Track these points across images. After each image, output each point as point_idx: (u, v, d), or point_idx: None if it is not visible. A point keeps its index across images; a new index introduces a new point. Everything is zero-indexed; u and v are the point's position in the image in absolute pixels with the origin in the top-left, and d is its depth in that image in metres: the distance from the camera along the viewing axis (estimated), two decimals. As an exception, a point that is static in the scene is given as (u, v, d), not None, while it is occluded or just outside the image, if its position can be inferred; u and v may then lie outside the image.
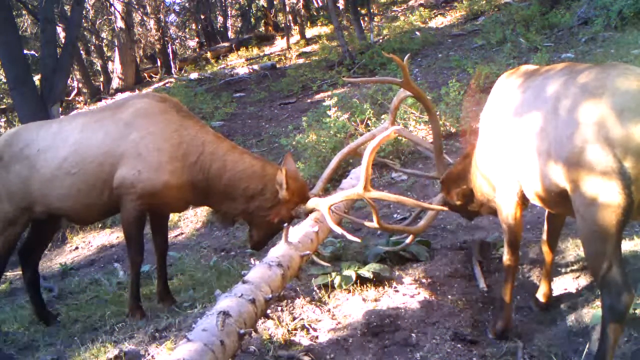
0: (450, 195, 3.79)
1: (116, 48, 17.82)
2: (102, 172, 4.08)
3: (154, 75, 18.56)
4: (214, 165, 4.11)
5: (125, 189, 4.03)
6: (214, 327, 2.53)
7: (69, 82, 15.23)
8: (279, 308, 3.67)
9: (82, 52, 18.51)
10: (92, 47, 19.84)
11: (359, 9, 14.74)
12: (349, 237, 3.52)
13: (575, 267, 3.81)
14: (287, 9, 18.65)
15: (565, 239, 4.05)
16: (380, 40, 13.74)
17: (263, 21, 21.95)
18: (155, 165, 4.01)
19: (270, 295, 3.01)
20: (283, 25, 19.37)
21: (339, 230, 3.57)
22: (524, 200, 3.13)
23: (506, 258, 3.28)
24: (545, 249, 3.52)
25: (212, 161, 4.11)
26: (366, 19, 15.44)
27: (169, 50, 19.71)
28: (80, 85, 18.63)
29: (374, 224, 3.56)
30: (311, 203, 3.87)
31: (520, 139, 2.91)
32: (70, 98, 17.35)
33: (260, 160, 4.27)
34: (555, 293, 3.62)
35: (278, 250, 3.39)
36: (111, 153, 4.06)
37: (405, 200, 3.73)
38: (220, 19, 23.23)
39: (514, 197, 3.11)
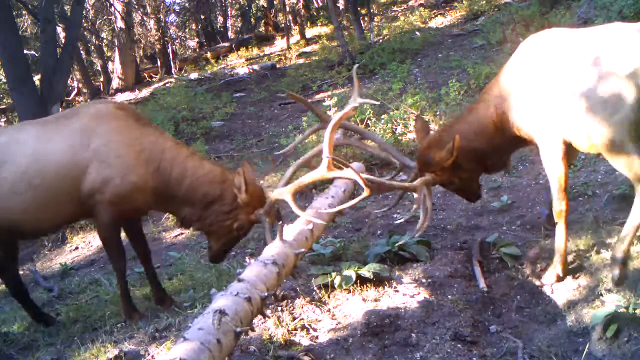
0: (439, 161, 3.86)
1: (116, 48, 17.82)
2: (64, 182, 4.02)
3: (154, 75, 18.54)
4: (175, 170, 4.14)
5: (95, 197, 4.02)
6: (210, 325, 2.53)
7: (69, 82, 15.25)
8: (279, 308, 3.67)
9: (82, 52, 18.52)
10: (92, 47, 19.85)
11: (359, 9, 14.75)
12: (315, 220, 3.66)
13: (575, 266, 3.80)
14: (287, 9, 18.67)
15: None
16: (380, 40, 13.73)
17: (263, 21, 21.94)
18: (121, 170, 4.02)
19: (266, 293, 2.99)
20: (283, 25, 19.36)
21: (306, 216, 3.66)
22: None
23: (556, 204, 3.53)
24: None
25: (172, 167, 4.14)
26: (366, 19, 15.44)
27: (169, 50, 19.69)
28: (80, 85, 18.64)
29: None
30: (275, 194, 3.87)
31: (563, 99, 3.32)
32: (70, 98, 17.35)
33: (220, 166, 4.35)
34: (555, 293, 3.62)
35: (273, 249, 3.39)
36: (75, 163, 4.02)
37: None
38: (220, 19, 23.22)
39: (559, 152, 3.46)
